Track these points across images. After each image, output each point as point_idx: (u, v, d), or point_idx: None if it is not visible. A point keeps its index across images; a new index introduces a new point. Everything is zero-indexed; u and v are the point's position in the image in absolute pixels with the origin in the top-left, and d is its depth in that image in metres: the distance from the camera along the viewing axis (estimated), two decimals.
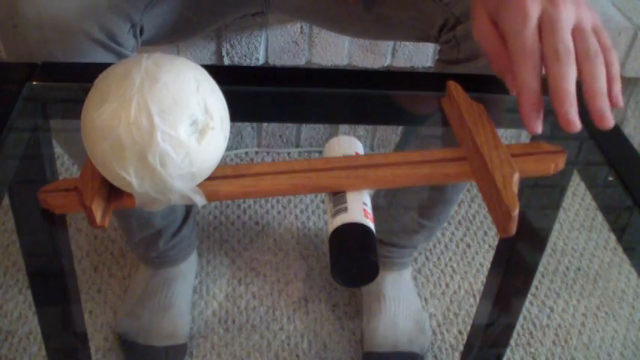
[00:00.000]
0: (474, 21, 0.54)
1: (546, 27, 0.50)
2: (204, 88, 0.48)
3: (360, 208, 0.48)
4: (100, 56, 0.69)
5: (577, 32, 0.50)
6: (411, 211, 0.96)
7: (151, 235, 0.96)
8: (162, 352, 0.99)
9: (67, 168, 1.27)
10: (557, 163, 0.50)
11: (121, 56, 0.71)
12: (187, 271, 1.06)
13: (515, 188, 0.47)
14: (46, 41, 0.64)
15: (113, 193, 0.51)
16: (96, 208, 0.48)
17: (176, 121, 0.46)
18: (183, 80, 0.47)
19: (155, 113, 0.45)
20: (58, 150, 1.17)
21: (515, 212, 0.45)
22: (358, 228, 0.47)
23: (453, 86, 0.56)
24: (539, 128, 0.49)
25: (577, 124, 0.47)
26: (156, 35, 0.80)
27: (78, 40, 0.65)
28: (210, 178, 0.50)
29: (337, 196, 0.50)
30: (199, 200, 0.49)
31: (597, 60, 0.49)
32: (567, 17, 0.50)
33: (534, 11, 0.50)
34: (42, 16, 0.64)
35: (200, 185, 0.50)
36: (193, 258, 1.08)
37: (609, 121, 0.48)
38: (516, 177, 0.47)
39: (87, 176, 0.50)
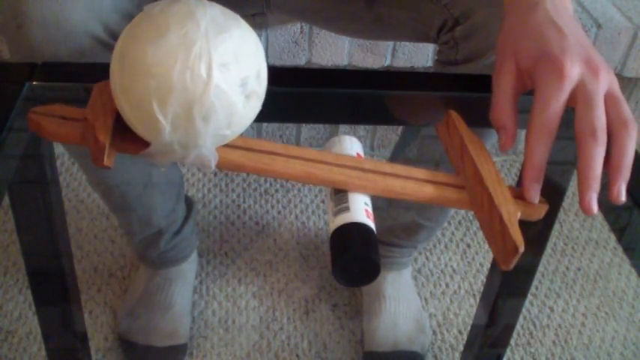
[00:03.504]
0: (497, 63, 0.53)
1: (584, 99, 0.49)
2: (261, 53, 0.46)
3: (361, 208, 0.48)
4: (104, 57, 0.68)
5: (611, 99, 0.49)
6: (411, 211, 0.96)
7: (152, 235, 0.96)
8: (162, 352, 0.99)
9: (67, 168, 1.27)
10: (540, 213, 0.51)
11: None
12: (187, 271, 1.06)
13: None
14: (50, 41, 0.64)
15: (118, 134, 0.47)
16: (107, 146, 0.45)
17: (232, 78, 0.43)
18: (247, 38, 0.45)
19: (215, 64, 0.42)
20: (58, 150, 1.17)
21: (522, 248, 0.46)
22: (360, 228, 0.47)
23: (454, 116, 0.55)
24: (536, 199, 0.50)
25: (595, 210, 0.47)
26: None
27: (82, 41, 0.65)
28: (223, 145, 0.48)
29: (339, 196, 0.49)
30: (213, 164, 0.47)
31: (633, 131, 0.49)
32: (604, 88, 0.49)
33: (571, 79, 0.49)
34: (46, 16, 0.63)
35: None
36: (193, 258, 1.08)
37: (623, 199, 0.48)
38: (519, 215, 0.48)
39: (98, 110, 0.46)
